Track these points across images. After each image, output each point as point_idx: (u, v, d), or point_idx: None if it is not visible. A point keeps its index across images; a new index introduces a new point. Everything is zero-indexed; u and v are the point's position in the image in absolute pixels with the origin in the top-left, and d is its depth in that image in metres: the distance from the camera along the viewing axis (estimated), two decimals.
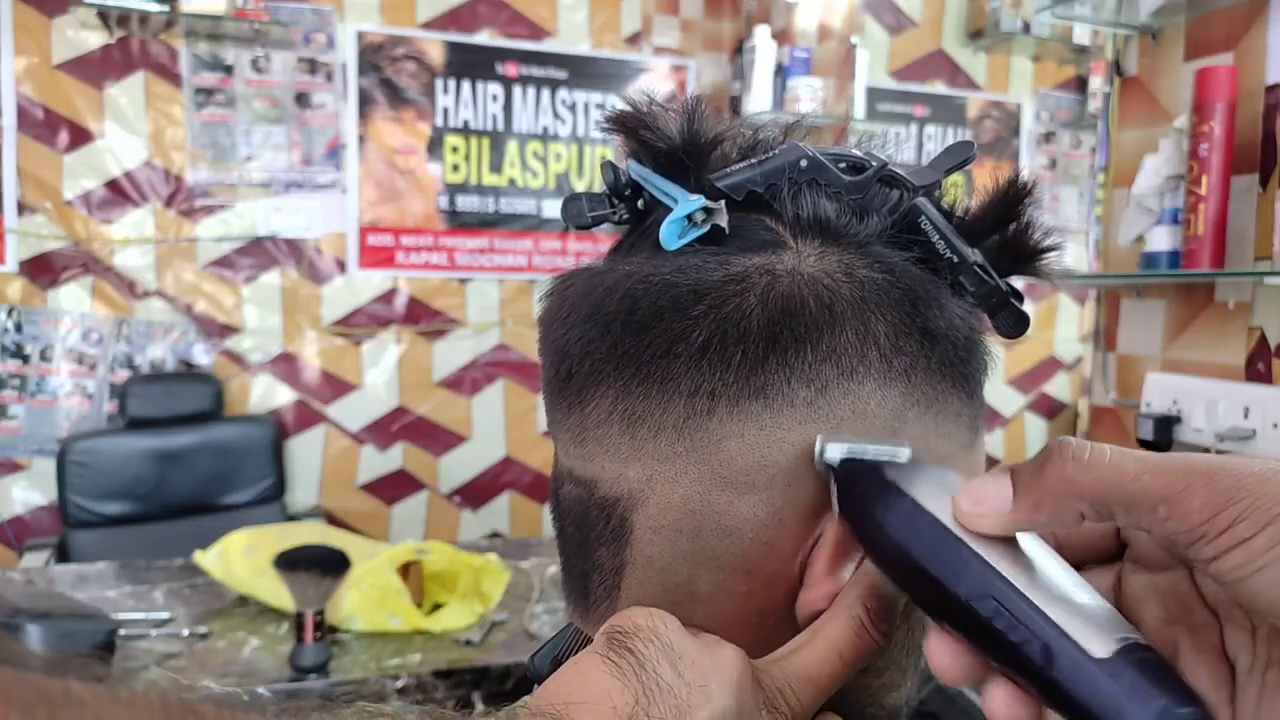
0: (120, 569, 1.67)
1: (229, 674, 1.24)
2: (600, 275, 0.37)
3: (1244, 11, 1.32)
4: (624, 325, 0.35)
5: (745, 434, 0.33)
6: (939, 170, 0.38)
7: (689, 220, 0.35)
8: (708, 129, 0.37)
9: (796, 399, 0.33)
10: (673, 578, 0.35)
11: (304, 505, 2.61)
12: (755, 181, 0.36)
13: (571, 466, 0.38)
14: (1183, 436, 1.38)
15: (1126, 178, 1.49)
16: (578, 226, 0.39)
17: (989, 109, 2.72)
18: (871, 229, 0.36)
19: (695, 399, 0.34)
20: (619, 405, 0.35)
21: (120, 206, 2.42)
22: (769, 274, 0.34)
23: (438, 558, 1.46)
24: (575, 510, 0.38)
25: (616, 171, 0.38)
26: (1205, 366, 1.37)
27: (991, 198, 0.38)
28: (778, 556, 0.34)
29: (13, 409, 2.38)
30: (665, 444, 0.34)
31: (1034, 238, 0.38)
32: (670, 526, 0.35)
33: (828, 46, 2.53)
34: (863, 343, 0.34)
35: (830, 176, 0.36)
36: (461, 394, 2.78)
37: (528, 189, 2.80)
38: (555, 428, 0.39)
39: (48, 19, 2.32)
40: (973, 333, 0.37)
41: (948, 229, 0.37)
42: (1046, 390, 2.87)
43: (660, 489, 0.35)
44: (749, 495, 0.34)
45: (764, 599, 0.35)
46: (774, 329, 0.33)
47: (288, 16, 2.48)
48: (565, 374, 0.37)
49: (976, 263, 0.37)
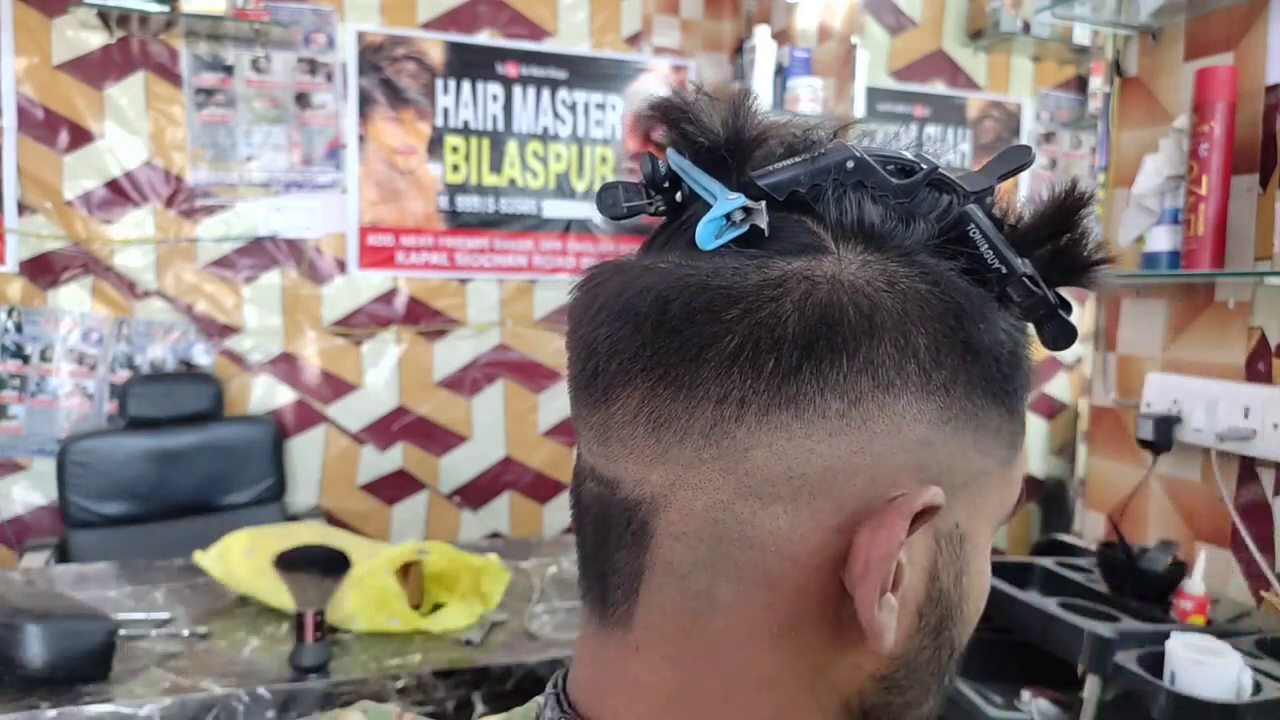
0: (120, 569, 1.67)
1: (229, 674, 1.24)
2: (633, 272, 0.35)
3: (1244, 11, 1.32)
4: (655, 326, 0.34)
5: (774, 444, 0.32)
6: (993, 175, 0.36)
7: (727, 219, 0.34)
8: (753, 125, 0.36)
9: (829, 410, 0.32)
10: (692, 586, 0.34)
11: (304, 505, 2.61)
12: (799, 181, 0.34)
13: (594, 464, 0.37)
14: (1183, 436, 1.38)
15: (1127, 178, 1.49)
16: (612, 217, 0.38)
17: (989, 109, 2.72)
18: (918, 236, 0.35)
19: (724, 405, 0.33)
20: (645, 407, 0.34)
21: (120, 207, 2.42)
22: (808, 280, 0.33)
23: (438, 558, 1.46)
24: (595, 509, 0.37)
25: (655, 163, 0.37)
26: (1205, 366, 1.37)
27: (1047, 207, 0.36)
28: (802, 570, 0.33)
29: (13, 409, 2.38)
30: (691, 449, 0.33)
31: (1087, 248, 0.36)
32: (692, 534, 0.34)
33: (828, 47, 2.53)
34: (902, 355, 0.33)
35: (878, 179, 0.35)
36: (462, 394, 2.78)
37: (528, 189, 2.80)
38: (579, 423, 0.38)
39: (48, 19, 2.32)
40: (1017, 348, 0.36)
41: (998, 238, 0.35)
42: (1046, 390, 2.87)
43: (683, 495, 0.34)
44: (774, 506, 0.33)
45: (786, 612, 0.34)
46: (810, 338, 0.32)
47: (288, 17, 2.49)
48: (592, 371, 0.36)
49: (1026, 274, 0.35)
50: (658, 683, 0.36)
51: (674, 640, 0.35)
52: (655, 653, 0.36)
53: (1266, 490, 1.27)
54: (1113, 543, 1.31)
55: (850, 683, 0.35)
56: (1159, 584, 1.23)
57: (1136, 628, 1.12)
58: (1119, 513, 1.51)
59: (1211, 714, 0.94)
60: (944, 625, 0.36)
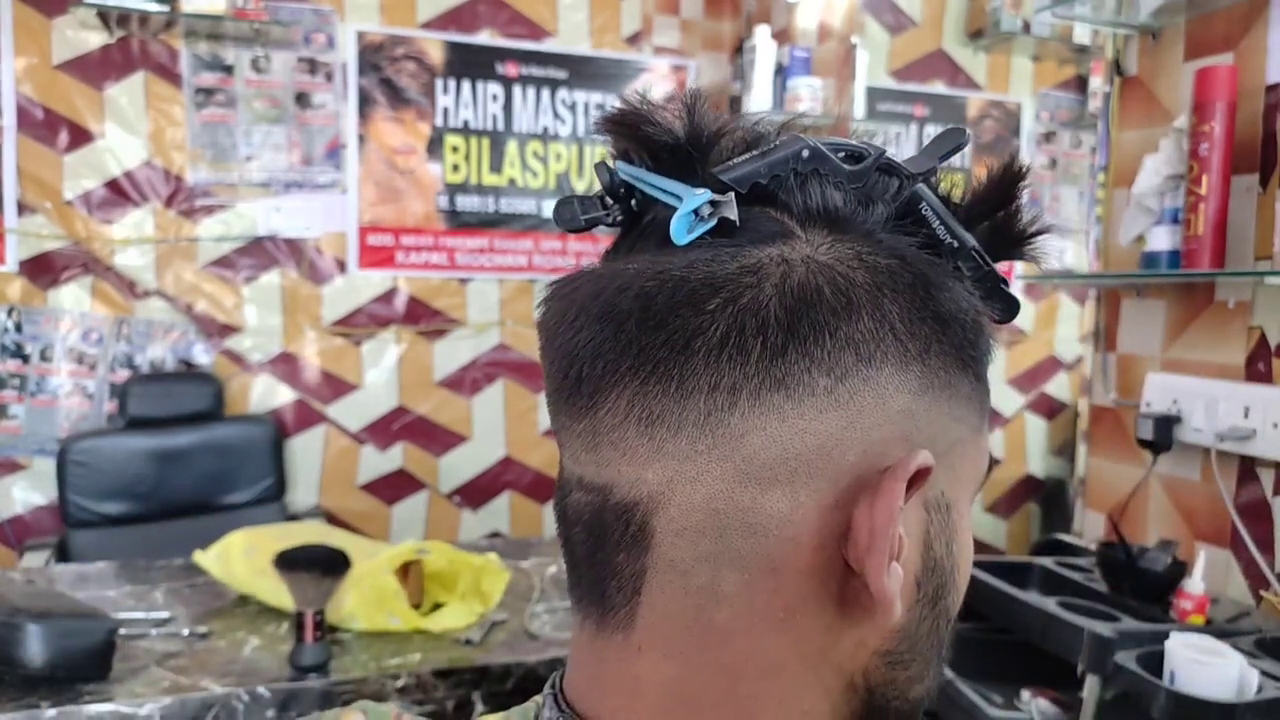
0: (120, 569, 1.67)
1: (229, 673, 1.24)
2: (608, 275, 0.36)
3: (1244, 11, 1.32)
4: (639, 323, 0.34)
5: (768, 427, 0.33)
6: (933, 157, 0.38)
7: (696, 215, 0.34)
8: (709, 123, 0.37)
9: (817, 388, 0.33)
10: (695, 581, 0.34)
11: (304, 505, 2.61)
12: (760, 173, 0.35)
13: (582, 474, 0.37)
14: (1183, 436, 1.38)
15: (1127, 177, 1.49)
16: (571, 229, 0.38)
17: (989, 109, 2.72)
18: (877, 217, 0.36)
19: (715, 394, 0.33)
20: (635, 406, 0.34)
21: (120, 206, 2.42)
22: (784, 263, 0.34)
23: (438, 557, 1.46)
24: (585, 518, 0.37)
25: (612, 172, 0.38)
26: (1205, 366, 1.37)
27: (987, 183, 0.38)
28: (805, 552, 0.34)
29: (13, 409, 2.38)
30: (685, 443, 0.33)
31: (1023, 220, 0.38)
32: (693, 528, 0.34)
33: (828, 46, 2.53)
34: (879, 329, 0.34)
35: (832, 166, 0.36)
36: (461, 394, 2.78)
37: (528, 189, 2.80)
38: (563, 434, 0.38)
39: (48, 19, 2.32)
40: (979, 316, 0.37)
41: (947, 215, 0.37)
42: (1046, 390, 2.87)
43: (682, 490, 0.34)
44: (773, 490, 0.33)
45: (791, 596, 0.34)
46: (793, 318, 0.33)
47: (288, 16, 2.49)
48: (575, 378, 0.36)
49: (974, 247, 0.37)
50: (660, 680, 0.36)
51: (677, 637, 0.35)
52: (658, 651, 0.36)
53: (1266, 490, 1.27)
54: (1112, 542, 1.31)
55: (854, 660, 0.36)
56: (1159, 584, 1.23)
57: (1136, 627, 1.12)
58: (1119, 512, 1.51)
59: (1211, 713, 0.94)
60: (940, 594, 0.37)
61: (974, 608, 1.28)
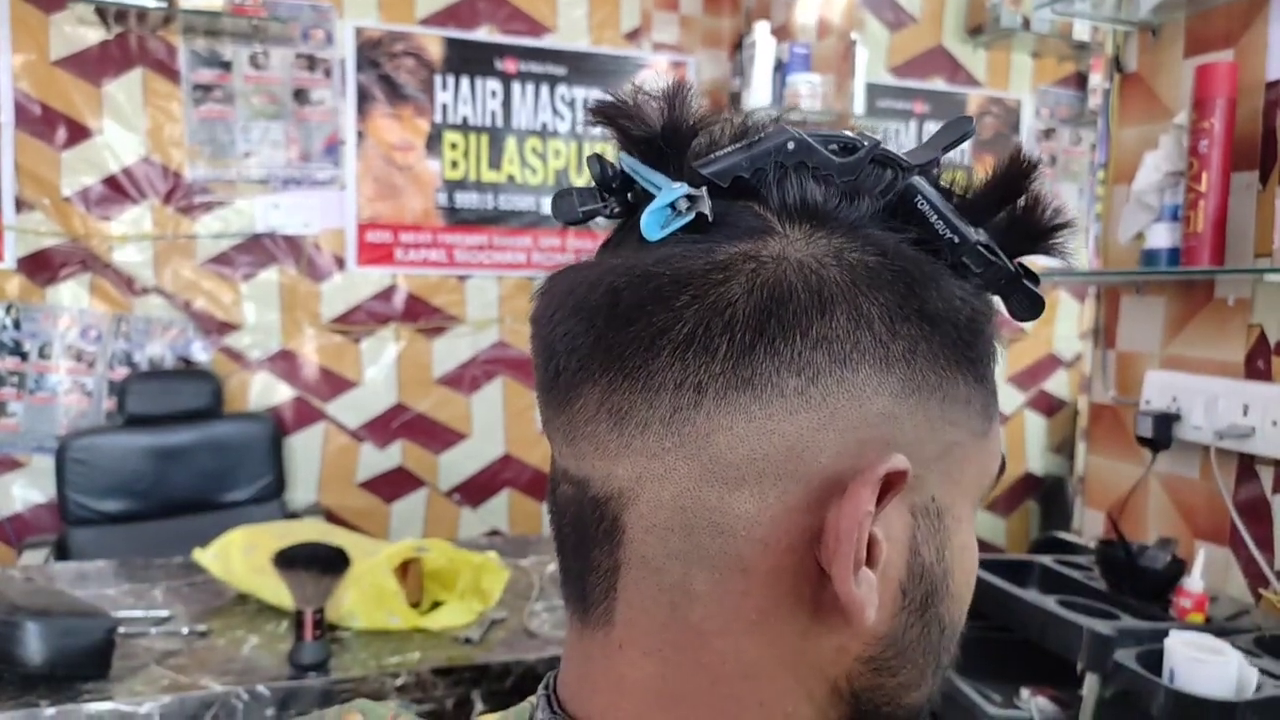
0: (119, 567, 1.67)
1: (229, 672, 1.23)
2: (585, 270, 0.36)
3: (1244, 8, 1.31)
4: (607, 320, 0.34)
5: (734, 427, 0.32)
6: (935, 148, 0.36)
7: (672, 209, 0.34)
8: (690, 116, 0.36)
9: (786, 389, 0.32)
10: (667, 578, 0.34)
11: (303, 503, 2.61)
12: (741, 166, 0.34)
13: (566, 466, 0.37)
14: (1182, 434, 1.37)
15: (1126, 174, 1.49)
16: (568, 222, 0.38)
17: (989, 105, 2.72)
18: (863, 211, 0.35)
19: (681, 392, 0.33)
20: (606, 402, 0.34)
21: (118, 203, 2.41)
22: (754, 260, 0.33)
23: (437, 555, 1.46)
24: (571, 511, 0.37)
25: (604, 164, 0.37)
26: (1205, 364, 1.37)
27: (994, 175, 0.36)
28: (774, 553, 0.33)
29: (11, 406, 2.37)
30: (653, 440, 0.33)
31: (1044, 214, 0.36)
32: (662, 525, 0.34)
33: (827, 43, 2.53)
34: (856, 328, 0.33)
35: (820, 158, 0.34)
36: (461, 391, 2.77)
37: (527, 185, 2.80)
38: (548, 427, 0.38)
39: (45, 15, 2.31)
40: (976, 315, 0.36)
41: (947, 208, 0.35)
42: (1045, 388, 2.87)
43: (650, 486, 0.34)
44: (740, 490, 0.33)
45: (763, 598, 0.34)
46: (761, 317, 0.32)
47: (286, 12, 2.48)
48: (554, 372, 0.36)
49: (980, 242, 0.35)
50: (642, 679, 0.36)
51: (655, 635, 0.35)
52: (637, 649, 0.36)
53: (1265, 488, 1.27)
54: (1112, 540, 1.31)
55: (836, 666, 0.35)
56: (1158, 582, 1.23)
57: (1135, 625, 1.12)
58: (1118, 510, 1.51)
59: (1210, 712, 0.94)
60: (929, 602, 0.36)
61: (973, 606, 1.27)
